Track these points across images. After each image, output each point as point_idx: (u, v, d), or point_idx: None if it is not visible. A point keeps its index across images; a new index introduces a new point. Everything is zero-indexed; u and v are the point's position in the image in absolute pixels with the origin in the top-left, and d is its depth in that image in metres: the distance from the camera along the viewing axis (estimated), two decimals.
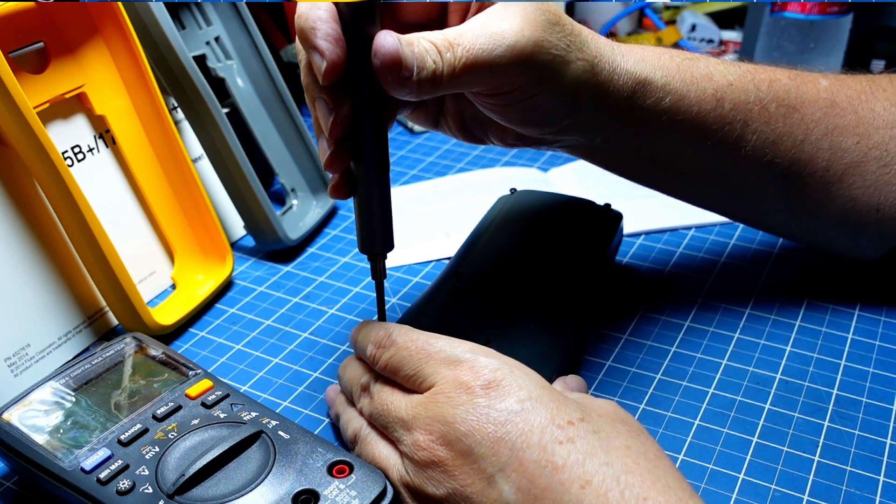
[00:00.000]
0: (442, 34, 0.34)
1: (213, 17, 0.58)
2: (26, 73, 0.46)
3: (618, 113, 0.40)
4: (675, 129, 0.41)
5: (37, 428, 0.37)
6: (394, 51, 0.33)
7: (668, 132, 0.42)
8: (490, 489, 0.31)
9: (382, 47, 0.33)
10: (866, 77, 0.46)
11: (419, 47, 0.34)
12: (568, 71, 0.37)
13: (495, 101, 0.38)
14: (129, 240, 0.52)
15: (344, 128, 0.35)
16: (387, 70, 0.33)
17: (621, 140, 0.42)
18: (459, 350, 0.34)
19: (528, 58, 0.35)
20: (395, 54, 0.33)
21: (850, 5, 0.70)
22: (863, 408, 0.43)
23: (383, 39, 0.33)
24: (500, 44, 0.35)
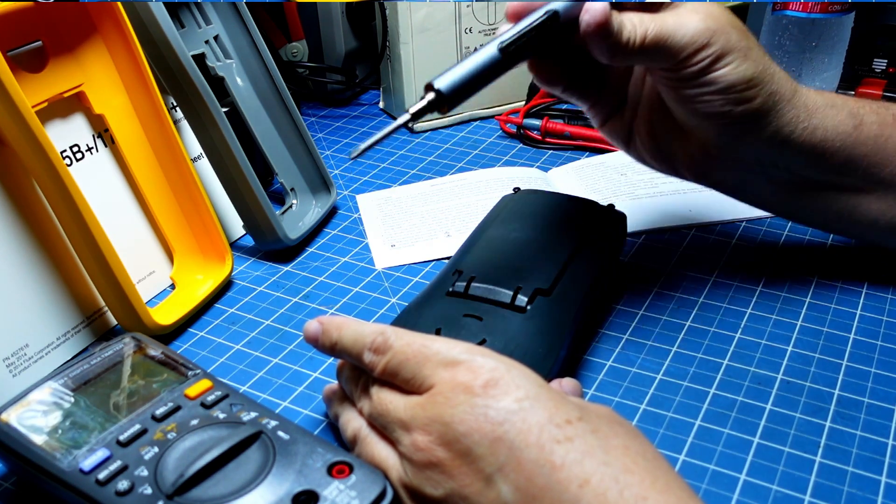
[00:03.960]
0: (640, 14, 0.42)
1: (212, 16, 0.58)
2: (25, 72, 0.46)
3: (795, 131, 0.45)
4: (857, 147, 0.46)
5: (35, 428, 0.37)
6: (603, 9, 0.40)
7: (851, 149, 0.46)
8: (488, 489, 0.31)
9: (593, 7, 0.40)
10: None
11: (620, 18, 0.41)
12: (744, 64, 0.43)
13: (676, 76, 0.43)
14: (128, 239, 0.52)
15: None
16: (594, 23, 0.40)
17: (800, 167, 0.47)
18: (456, 351, 0.34)
19: (705, 41, 0.42)
20: (604, 12, 0.40)
21: (851, 4, 0.70)
22: (864, 408, 0.42)
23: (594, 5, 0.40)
24: (685, 25, 0.42)
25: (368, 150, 0.40)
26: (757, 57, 0.43)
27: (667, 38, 0.41)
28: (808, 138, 0.45)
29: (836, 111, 0.46)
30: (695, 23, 0.42)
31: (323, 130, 0.78)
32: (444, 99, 0.40)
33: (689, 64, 0.42)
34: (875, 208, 0.48)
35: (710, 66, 0.42)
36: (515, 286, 0.43)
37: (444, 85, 0.40)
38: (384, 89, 0.80)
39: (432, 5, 0.72)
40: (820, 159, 0.46)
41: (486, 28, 0.75)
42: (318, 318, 0.39)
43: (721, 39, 0.42)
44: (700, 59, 0.42)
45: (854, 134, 0.46)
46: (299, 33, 0.82)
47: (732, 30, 0.43)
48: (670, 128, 0.47)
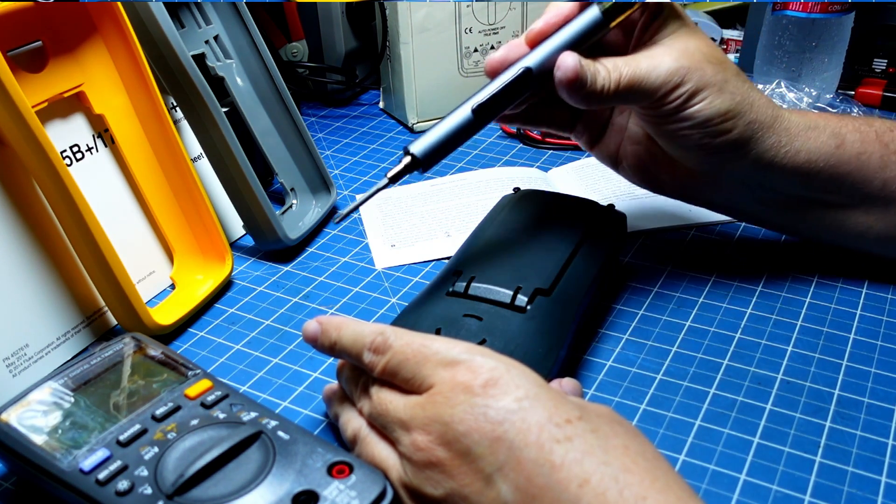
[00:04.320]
0: (613, 59, 0.43)
1: (212, 16, 0.58)
2: (25, 72, 0.46)
3: (777, 155, 0.46)
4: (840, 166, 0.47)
5: (35, 428, 0.37)
6: (574, 65, 0.42)
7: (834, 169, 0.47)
8: (488, 489, 0.31)
9: (564, 62, 0.42)
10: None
11: (594, 67, 0.42)
12: (719, 98, 0.44)
13: (654, 114, 0.44)
14: (128, 239, 0.52)
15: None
16: (566, 80, 0.42)
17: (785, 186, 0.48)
18: (456, 351, 0.34)
19: (678, 80, 0.43)
20: (574, 68, 0.42)
21: (851, 4, 0.70)
22: (864, 408, 0.42)
23: (565, 57, 0.42)
24: (658, 67, 0.43)
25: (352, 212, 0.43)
26: (733, 89, 0.44)
27: (641, 80, 0.43)
28: (791, 161, 0.46)
29: (818, 132, 0.47)
30: (668, 63, 0.43)
31: (323, 130, 0.78)
32: (420, 162, 0.42)
33: (665, 103, 0.43)
34: (862, 221, 0.49)
35: (685, 103, 0.43)
36: (515, 286, 0.43)
37: (418, 150, 0.42)
38: (384, 89, 0.80)
39: (432, 5, 0.72)
40: (805, 179, 0.47)
41: (486, 28, 0.75)
42: (317, 318, 0.39)
43: (695, 76, 0.43)
44: (675, 98, 0.43)
45: (837, 153, 0.47)
46: (299, 33, 0.82)
47: (707, 65, 0.44)
48: (656, 154, 0.49)
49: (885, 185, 0.47)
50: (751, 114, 0.45)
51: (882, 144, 0.47)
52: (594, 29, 0.43)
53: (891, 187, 0.47)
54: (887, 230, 0.49)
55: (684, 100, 0.43)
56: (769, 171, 0.47)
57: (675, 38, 0.44)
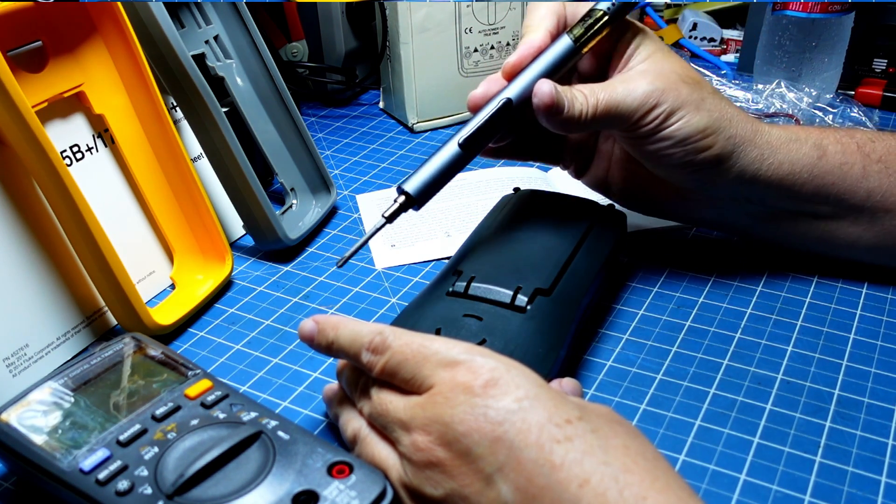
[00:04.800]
0: (590, 86, 0.45)
1: (212, 16, 0.58)
2: (25, 72, 0.46)
3: (761, 168, 0.47)
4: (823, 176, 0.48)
5: (35, 428, 0.37)
6: (549, 91, 0.43)
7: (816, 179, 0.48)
8: (488, 489, 0.31)
9: (540, 90, 0.43)
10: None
11: (571, 93, 0.44)
12: (697, 116, 0.45)
13: (635, 136, 0.45)
14: (128, 239, 0.52)
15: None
16: (543, 106, 0.43)
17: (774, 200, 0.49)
18: (456, 351, 0.34)
19: (654, 102, 0.44)
20: (550, 94, 0.43)
21: (851, 4, 0.70)
22: (864, 408, 0.42)
23: (541, 84, 0.43)
24: (633, 91, 0.44)
25: (353, 256, 0.44)
26: (710, 106, 0.45)
27: (617, 104, 0.44)
28: (774, 173, 0.47)
29: (800, 144, 0.47)
30: (643, 86, 0.44)
31: (323, 130, 0.78)
32: (414, 200, 0.44)
33: (642, 125, 0.45)
34: (851, 232, 0.49)
35: (663, 122, 0.45)
36: (515, 286, 0.43)
37: (412, 188, 0.44)
38: (384, 89, 0.80)
39: (432, 5, 0.72)
40: (790, 191, 0.48)
41: (486, 28, 0.75)
42: (314, 317, 0.39)
43: (670, 97, 0.44)
44: (652, 119, 0.44)
45: (819, 164, 0.47)
46: (299, 33, 0.82)
47: (682, 85, 0.45)
48: (644, 176, 0.50)
49: (870, 195, 0.48)
50: (730, 129, 0.46)
51: (863, 155, 0.48)
52: (567, 56, 0.45)
53: (875, 197, 0.48)
54: (877, 240, 0.49)
55: (662, 120, 0.44)
56: (754, 185, 0.47)
57: (650, 62, 0.45)
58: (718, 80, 0.76)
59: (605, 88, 0.44)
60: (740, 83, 0.75)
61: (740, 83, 0.75)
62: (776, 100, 0.71)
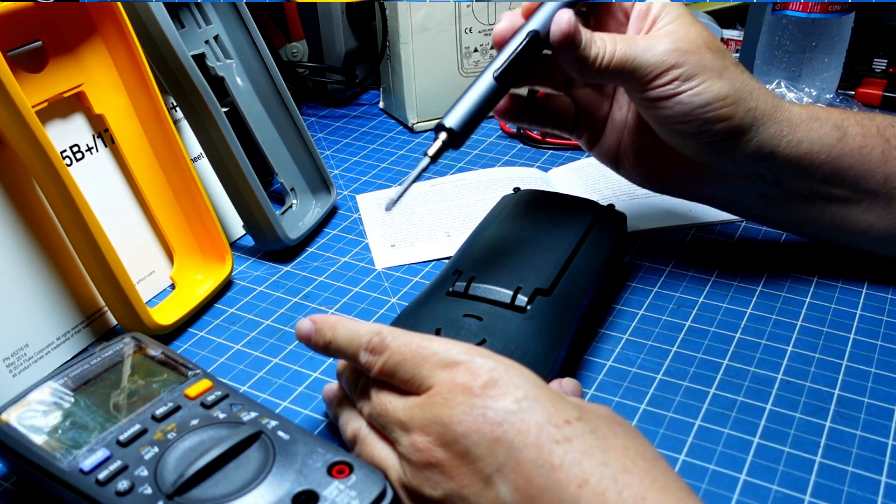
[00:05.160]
0: (613, 35, 0.44)
1: (212, 16, 0.58)
2: (25, 72, 0.46)
3: (780, 145, 0.46)
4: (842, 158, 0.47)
5: (35, 428, 0.37)
6: (567, 20, 0.43)
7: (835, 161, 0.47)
8: (487, 489, 0.31)
9: (559, 19, 0.43)
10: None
11: (590, 34, 0.44)
12: (718, 84, 0.44)
13: (650, 97, 0.44)
14: (128, 239, 0.52)
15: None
16: (560, 35, 0.43)
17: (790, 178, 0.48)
18: (455, 352, 0.34)
19: (674, 61, 0.43)
20: (568, 23, 0.43)
21: (851, 4, 0.70)
22: (864, 408, 0.42)
23: (560, 14, 0.43)
24: (654, 48, 0.43)
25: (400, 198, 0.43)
26: (733, 76, 0.44)
27: (635, 57, 0.43)
28: (792, 151, 0.46)
29: (820, 124, 0.46)
30: (665, 45, 0.43)
31: (323, 130, 0.78)
32: (457, 135, 0.43)
33: (659, 84, 0.44)
34: (864, 219, 0.49)
35: (683, 84, 0.44)
36: (515, 286, 0.43)
37: (454, 123, 0.42)
38: (384, 89, 0.80)
39: (432, 5, 0.72)
40: (806, 171, 0.47)
41: (486, 28, 0.75)
42: (311, 317, 0.38)
43: (692, 59, 0.43)
44: (669, 80, 0.44)
45: (838, 146, 0.46)
46: (299, 33, 0.82)
47: (707, 51, 0.44)
48: (657, 148, 0.49)
49: (887, 180, 0.47)
50: (751, 101, 0.45)
51: (884, 139, 0.47)
52: None
53: (892, 183, 0.47)
54: (888, 229, 0.49)
55: (681, 81, 0.43)
56: (771, 162, 0.46)
57: (676, 25, 0.44)
58: None
59: (626, 40, 0.44)
60: None
61: None
62: None
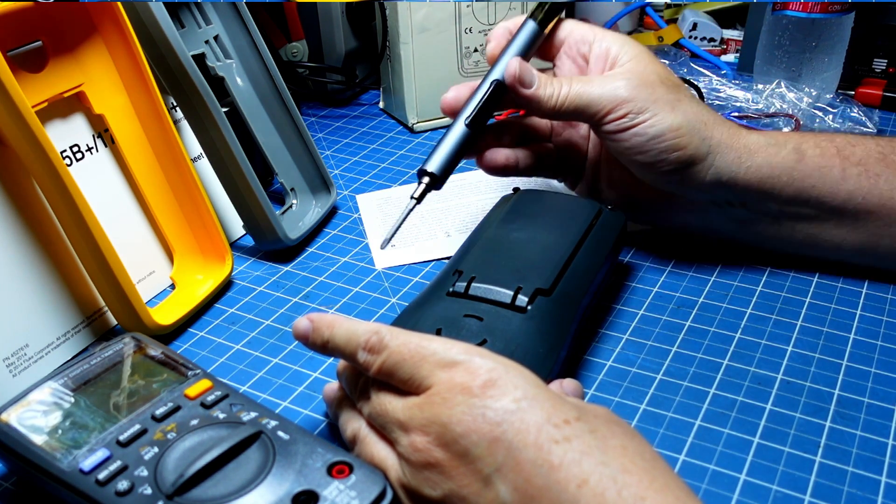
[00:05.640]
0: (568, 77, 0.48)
1: (212, 16, 0.58)
2: (25, 72, 0.46)
3: (739, 170, 0.48)
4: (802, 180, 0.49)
5: (35, 428, 0.37)
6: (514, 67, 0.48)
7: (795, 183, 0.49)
8: (487, 489, 0.31)
9: (509, 66, 0.48)
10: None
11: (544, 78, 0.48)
12: (671, 116, 0.46)
13: (609, 130, 0.47)
14: (128, 239, 0.52)
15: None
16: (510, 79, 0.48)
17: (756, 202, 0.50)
18: (454, 352, 0.34)
19: (626, 96, 0.46)
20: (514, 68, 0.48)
21: (851, 4, 0.70)
22: (864, 408, 0.42)
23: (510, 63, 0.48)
24: (606, 85, 0.47)
25: (392, 237, 0.49)
26: (686, 108, 0.47)
27: (587, 94, 0.47)
28: (753, 175, 0.48)
29: (779, 148, 0.49)
30: (618, 81, 0.47)
31: (323, 130, 0.78)
32: (438, 178, 0.49)
33: (613, 118, 0.47)
34: (836, 234, 0.50)
35: (636, 117, 0.46)
36: (516, 286, 0.43)
37: (434, 168, 0.49)
38: (384, 89, 0.80)
39: (432, 5, 0.72)
40: (770, 193, 0.49)
41: (485, 28, 0.75)
42: (308, 315, 0.38)
43: (643, 94, 0.46)
44: (623, 114, 0.46)
45: (798, 167, 0.48)
46: (299, 33, 0.82)
47: (660, 86, 0.47)
48: (627, 181, 0.52)
49: (850, 196, 0.48)
50: (704, 131, 0.47)
51: (842, 158, 0.49)
52: (534, 37, 0.50)
53: (856, 199, 0.48)
54: (861, 242, 0.50)
55: (634, 114, 0.46)
56: (732, 188, 0.48)
57: (632, 64, 0.48)
58: (718, 80, 0.76)
59: (582, 80, 0.47)
60: (740, 83, 0.75)
61: (740, 83, 0.75)
62: (776, 100, 0.71)
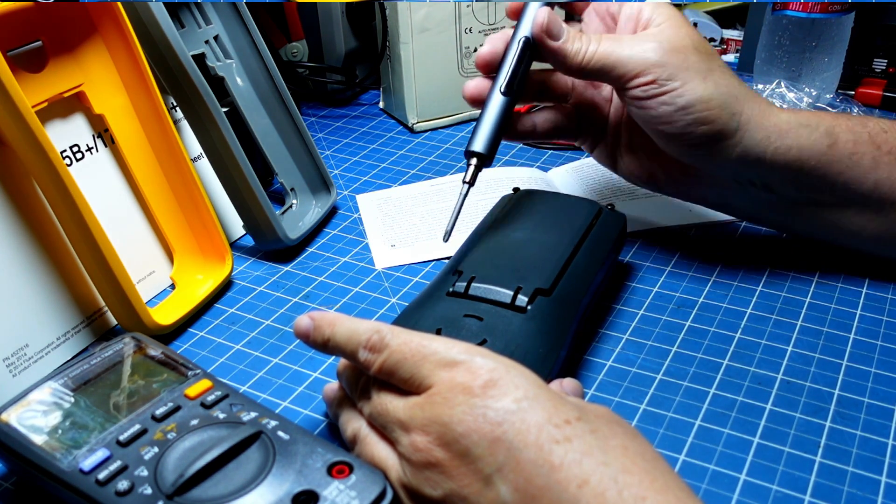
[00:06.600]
0: (599, 34, 0.46)
1: (212, 16, 0.58)
2: (25, 72, 0.46)
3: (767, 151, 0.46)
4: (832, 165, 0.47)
5: (35, 428, 0.37)
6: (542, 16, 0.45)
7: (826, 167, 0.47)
8: (487, 489, 0.31)
9: (537, 17, 0.46)
10: None
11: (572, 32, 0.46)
12: (701, 86, 0.44)
13: (633, 96, 0.45)
14: (128, 239, 0.52)
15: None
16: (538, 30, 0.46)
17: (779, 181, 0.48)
18: (455, 351, 0.34)
19: (657, 61, 0.44)
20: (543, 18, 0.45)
21: (851, 4, 0.70)
22: (864, 408, 0.42)
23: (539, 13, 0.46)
24: (636, 47, 0.44)
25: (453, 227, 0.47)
26: (718, 79, 0.45)
27: (615, 54, 0.44)
28: (781, 157, 0.46)
29: (811, 130, 0.46)
30: (649, 44, 0.44)
31: (323, 130, 0.78)
32: (486, 157, 0.47)
33: (640, 84, 0.44)
34: (856, 221, 0.49)
35: (665, 83, 0.44)
36: (516, 286, 0.43)
37: (481, 147, 0.47)
38: (384, 89, 0.80)
39: (432, 5, 0.72)
40: (796, 177, 0.47)
41: (486, 28, 0.75)
42: (309, 314, 0.38)
43: (675, 59, 0.44)
44: (651, 80, 0.44)
45: (829, 153, 0.47)
46: (299, 33, 0.82)
47: (693, 52, 0.44)
48: (648, 149, 0.50)
49: (877, 186, 0.47)
50: (735, 105, 0.45)
51: (874, 146, 0.47)
52: None
53: (882, 189, 0.47)
54: (880, 231, 0.49)
55: (663, 81, 0.44)
56: (758, 168, 0.47)
57: (665, 26, 0.45)
58: None
59: (611, 39, 0.45)
60: None
61: None
62: (776, 100, 0.71)
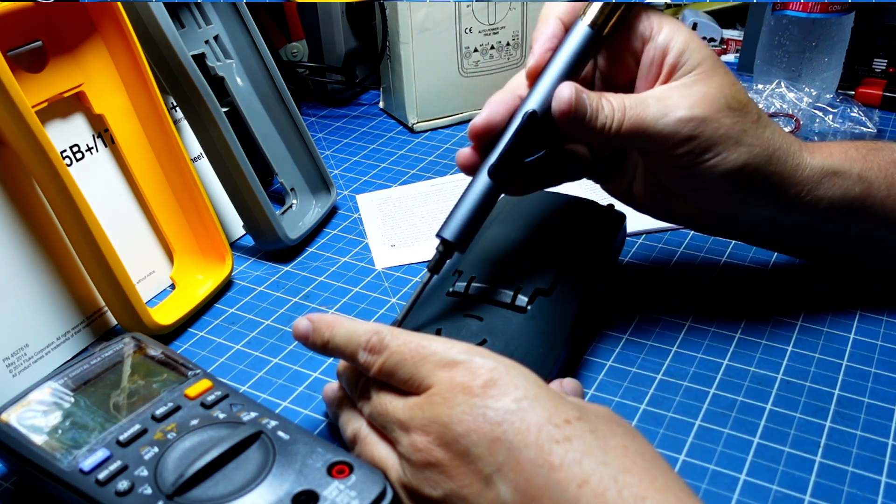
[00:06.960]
0: (622, 97, 0.40)
1: (212, 16, 0.58)
2: (25, 72, 0.46)
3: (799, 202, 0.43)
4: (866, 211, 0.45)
5: (35, 428, 0.37)
6: (569, 97, 0.39)
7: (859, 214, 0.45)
8: (487, 489, 0.31)
9: (560, 94, 0.39)
10: None
11: (597, 101, 0.40)
12: (735, 153, 0.40)
13: (661, 165, 0.42)
14: (128, 239, 0.52)
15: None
16: (560, 113, 0.39)
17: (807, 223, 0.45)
18: (454, 351, 0.34)
19: (689, 133, 0.39)
20: (569, 100, 0.39)
21: (851, 4, 0.70)
22: (864, 408, 0.42)
23: (561, 88, 0.39)
24: (667, 115, 0.39)
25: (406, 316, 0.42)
26: (752, 140, 0.41)
27: (647, 126, 0.39)
28: (812, 208, 0.44)
29: (842, 179, 0.43)
30: (680, 111, 0.39)
31: (323, 130, 0.78)
32: (454, 245, 0.41)
33: (674, 155, 0.40)
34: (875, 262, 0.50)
35: (697, 158, 0.40)
36: (516, 286, 0.43)
37: (450, 234, 0.41)
38: (384, 89, 0.80)
39: (432, 5, 0.72)
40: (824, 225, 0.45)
41: (486, 28, 0.75)
42: (308, 316, 0.38)
43: (709, 129, 0.40)
44: (685, 152, 0.40)
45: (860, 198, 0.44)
46: (299, 33, 0.82)
47: (727, 114, 0.40)
48: (670, 193, 0.45)
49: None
50: (769, 167, 0.41)
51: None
52: (588, 46, 0.40)
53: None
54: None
55: (696, 154, 0.40)
56: (787, 217, 0.44)
57: (695, 76, 0.40)
58: None
59: (637, 105, 0.39)
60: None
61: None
62: (776, 100, 0.71)
